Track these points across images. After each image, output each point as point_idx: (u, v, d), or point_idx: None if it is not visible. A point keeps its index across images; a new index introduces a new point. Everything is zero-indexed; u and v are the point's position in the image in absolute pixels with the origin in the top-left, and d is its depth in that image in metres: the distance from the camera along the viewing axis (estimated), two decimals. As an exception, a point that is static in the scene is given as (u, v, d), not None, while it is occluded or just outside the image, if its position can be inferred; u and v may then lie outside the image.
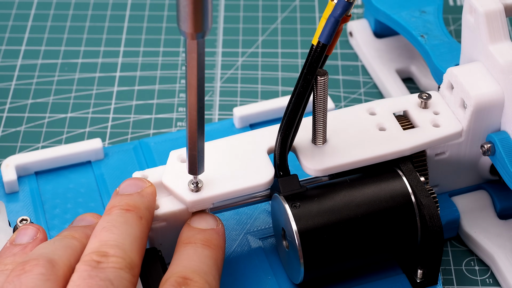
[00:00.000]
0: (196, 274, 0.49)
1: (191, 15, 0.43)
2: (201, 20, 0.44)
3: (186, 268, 0.49)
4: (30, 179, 0.63)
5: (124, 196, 0.52)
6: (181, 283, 0.48)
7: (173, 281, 0.48)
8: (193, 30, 0.44)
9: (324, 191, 0.55)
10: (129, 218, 0.50)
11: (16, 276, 0.46)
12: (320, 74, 0.53)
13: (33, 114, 0.71)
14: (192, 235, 0.52)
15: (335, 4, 0.50)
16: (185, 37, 0.45)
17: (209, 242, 0.52)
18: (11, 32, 0.78)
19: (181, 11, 0.43)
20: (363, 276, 0.57)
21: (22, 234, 0.51)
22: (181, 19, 0.44)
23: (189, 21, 0.44)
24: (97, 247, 0.47)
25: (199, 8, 0.43)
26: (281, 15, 0.80)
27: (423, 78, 0.71)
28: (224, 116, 0.70)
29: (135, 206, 0.51)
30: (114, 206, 0.51)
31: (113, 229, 0.49)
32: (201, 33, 0.44)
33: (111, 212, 0.50)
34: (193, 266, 0.49)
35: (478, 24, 0.57)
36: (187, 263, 0.50)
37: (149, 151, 0.64)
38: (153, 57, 0.76)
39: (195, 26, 0.44)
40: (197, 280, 0.48)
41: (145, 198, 0.52)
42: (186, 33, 0.44)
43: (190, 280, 0.48)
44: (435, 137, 0.57)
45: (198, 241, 0.52)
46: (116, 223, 0.49)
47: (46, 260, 0.47)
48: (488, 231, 0.60)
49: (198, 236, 0.52)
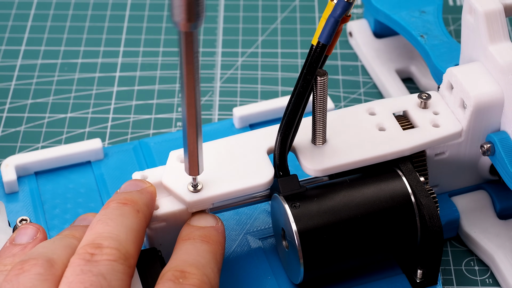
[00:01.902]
0: (193, 267, 0.49)
1: (184, 5, 0.43)
2: (194, 10, 0.44)
3: (184, 262, 0.49)
4: (30, 179, 0.63)
5: (122, 193, 0.52)
6: (178, 277, 0.48)
7: (170, 275, 0.48)
8: (186, 21, 0.44)
9: (324, 191, 0.55)
10: (126, 210, 0.50)
11: (15, 275, 0.46)
12: (320, 74, 0.53)
13: (33, 114, 0.71)
14: (191, 232, 0.52)
15: (335, 4, 0.50)
16: (178, 28, 0.45)
17: (207, 238, 0.52)
18: (11, 32, 0.78)
19: (174, 1, 0.43)
20: (363, 276, 0.57)
21: (22, 234, 0.51)
22: (174, 9, 0.44)
23: (182, 11, 0.44)
24: (91, 239, 0.47)
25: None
26: (281, 15, 0.80)
27: (422, 78, 0.71)
28: (224, 116, 0.70)
29: (132, 200, 0.51)
30: (111, 201, 0.51)
31: (109, 221, 0.49)
32: (195, 24, 0.44)
33: (108, 206, 0.50)
34: (191, 260, 0.49)
35: (478, 24, 0.57)
36: (185, 257, 0.50)
37: (149, 151, 0.64)
38: (153, 57, 0.76)
39: (188, 16, 0.44)
40: (195, 273, 0.48)
41: (144, 195, 0.52)
42: (179, 23, 0.44)
43: (187, 273, 0.48)
44: (435, 137, 0.57)
45: (196, 237, 0.52)
46: (112, 216, 0.49)
47: (44, 259, 0.47)
48: (488, 231, 0.60)
49: (196, 232, 0.52)
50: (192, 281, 0.48)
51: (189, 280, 0.48)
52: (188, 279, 0.48)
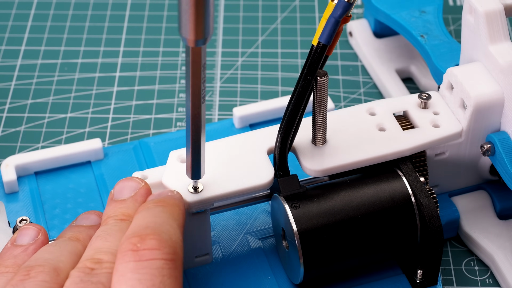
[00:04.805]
0: (149, 229, 0.46)
1: (192, 21, 0.43)
2: (202, 26, 0.43)
3: (138, 226, 0.47)
4: (30, 179, 0.63)
5: (118, 204, 0.51)
6: (135, 242, 0.46)
7: (128, 244, 0.46)
8: (194, 37, 0.44)
9: (324, 191, 0.55)
10: (124, 226, 0.49)
11: (20, 280, 0.46)
12: (320, 75, 0.53)
13: (33, 114, 0.71)
14: (145, 203, 0.51)
15: (335, 4, 0.50)
16: (186, 43, 0.44)
17: (162, 202, 0.50)
18: (11, 32, 0.78)
19: (183, 17, 0.43)
20: (363, 276, 0.57)
21: (23, 235, 0.51)
22: (182, 25, 0.44)
23: (190, 27, 0.43)
24: (91, 254, 0.47)
25: (201, 14, 0.43)
26: (281, 15, 0.80)
27: (423, 78, 0.71)
28: (224, 116, 0.70)
29: (129, 215, 0.50)
30: (109, 217, 0.50)
31: (107, 237, 0.48)
32: (202, 40, 0.44)
33: (107, 223, 0.50)
34: (146, 223, 0.47)
35: (478, 24, 0.57)
36: (139, 222, 0.48)
37: (149, 151, 0.64)
38: (153, 57, 0.76)
39: (197, 33, 0.44)
40: (152, 233, 0.46)
41: (139, 203, 0.51)
42: (187, 39, 0.44)
43: (144, 235, 0.46)
44: (435, 137, 0.57)
45: (150, 203, 0.50)
46: (110, 232, 0.49)
47: (51, 267, 0.47)
48: (488, 231, 0.60)
49: (150, 199, 0.50)
50: (151, 243, 0.45)
51: (147, 243, 0.45)
52: (146, 241, 0.45)
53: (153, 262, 0.45)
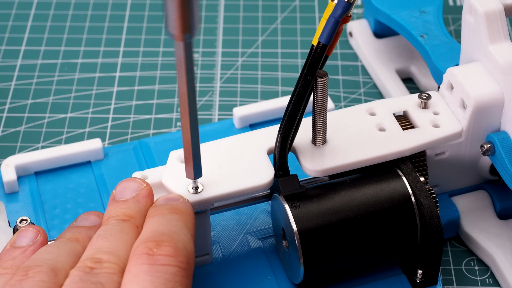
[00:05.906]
0: (166, 236, 0.47)
1: (178, 17, 0.43)
2: (188, 21, 0.44)
3: (154, 232, 0.48)
4: (30, 179, 0.63)
5: (120, 204, 0.51)
6: (151, 247, 0.46)
7: (143, 247, 0.46)
8: (180, 32, 0.44)
9: (324, 191, 0.55)
10: (125, 226, 0.49)
11: (18, 280, 0.46)
12: (320, 75, 0.53)
13: (33, 114, 0.71)
14: (158, 208, 0.51)
15: (335, 4, 0.50)
16: (173, 39, 0.45)
17: (176, 210, 0.50)
18: (11, 32, 0.78)
19: (168, 13, 0.43)
20: (363, 276, 0.57)
21: (22, 236, 0.51)
22: (168, 21, 0.44)
23: (176, 23, 0.44)
24: (91, 254, 0.47)
25: (186, 10, 0.43)
26: (281, 15, 0.80)
27: (423, 78, 0.71)
28: (224, 116, 0.70)
29: (131, 216, 0.50)
30: (110, 217, 0.50)
31: (108, 237, 0.48)
32: (189, 35, 0.45)
33: (108, 223, 0.50)
34: (162, 229, 0.48)
35: (478, 24, 0.57)
36: (155, 228, 0.48)
37: (149, 151, 0.64)
38: (153, 57, 0.76)
39: (183, 28, 0.44)
40: (168, 240, 0.47)
41: (141, 204, 0.51)
42: (173, 35, 0.44)
43: (160, 241, 0.47)
44: (435, 137, 0.57)
45: (164, 209, 0.50)
46: (112, 232, 0.49)
47: (49, 267, 0.47)
48: (488, 231, 0.60)
49: (164, 206, 0.51)
50: (167, 249, 0.46)
51: (163, 249, 0.46)
52: (162, 248, 0.46)
53: (168, 268, 0.46)
